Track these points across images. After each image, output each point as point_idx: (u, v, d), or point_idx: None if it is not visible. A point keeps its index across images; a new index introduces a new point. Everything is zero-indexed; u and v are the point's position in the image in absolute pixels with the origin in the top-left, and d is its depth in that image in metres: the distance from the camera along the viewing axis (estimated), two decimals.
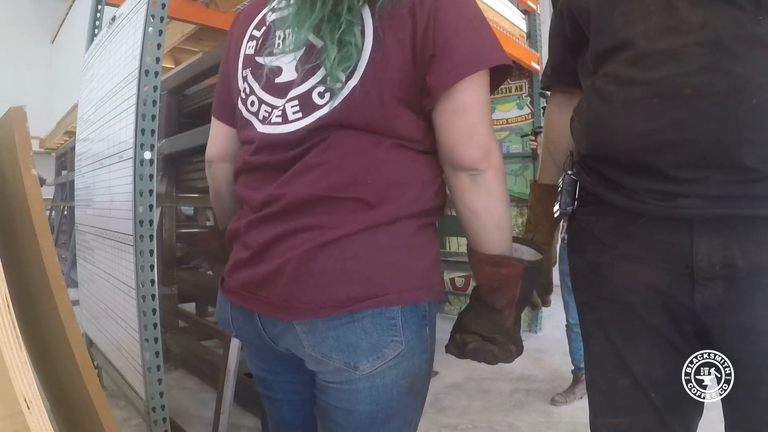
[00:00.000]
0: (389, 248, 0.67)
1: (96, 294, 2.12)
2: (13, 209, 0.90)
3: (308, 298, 0.65)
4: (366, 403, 0.69)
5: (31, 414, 0.54)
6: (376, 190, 0.67)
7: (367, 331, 0.66)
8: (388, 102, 0.68)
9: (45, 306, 0.90)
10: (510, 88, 3.92)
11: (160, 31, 1.59)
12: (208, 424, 1.98)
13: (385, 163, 0.68)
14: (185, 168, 2.76)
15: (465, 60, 0.66)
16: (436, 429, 2.12)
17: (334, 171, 0.67)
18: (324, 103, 0.68)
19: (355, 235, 0.66)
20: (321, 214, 0.67)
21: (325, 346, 0.67)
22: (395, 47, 0.67)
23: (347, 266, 0.65)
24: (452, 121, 0.68)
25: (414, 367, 0.71)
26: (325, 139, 0.68)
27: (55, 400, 1.12)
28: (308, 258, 0.65)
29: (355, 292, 0.65)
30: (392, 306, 0.66)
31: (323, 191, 0.67)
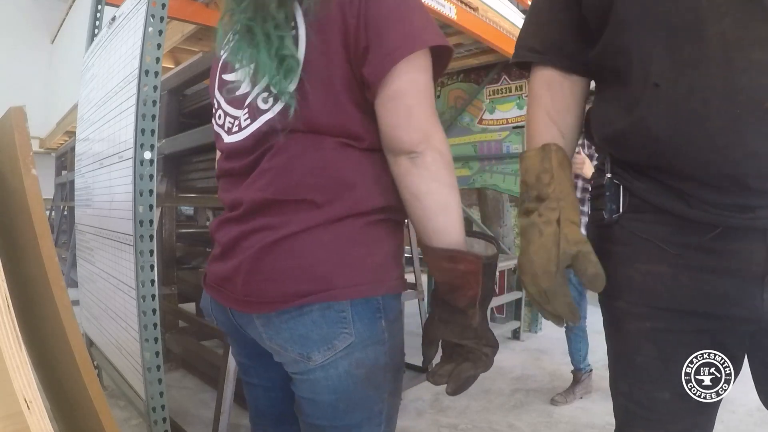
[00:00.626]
0: (334, 245, 0.70)
1: (96, 294, 2.12)
2: (13, 209, 0.90)
3: (262, 293, 0.71)
4: (325, 392, 0.72)
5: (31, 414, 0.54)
6: (323, 190, 0.70)
7: (317, 323, 0.70)
8: (329, 102, 0.70)
9: (45, 306, 0.90)
10: (510, 88, 3.92)
11: (160, 31, 1.59)
12: (208, 424, 1.98)
13: (331, 163, 0.71)
14: (185, 168, 2.76)
15: (396, 45, 0.67)
16: (436, 429, 2.12)
17: (283, 174, 0.71)
18: (268, 108, 0.72)
19: (301, 233, 0.69)
20: (273, 215, 0.71)
21: (281, 338, 0.72)
22: (329, 47, 0.70)
23: (294, 263, 0.69)
24: (390, 107, 0.68)
25: (368, 358, 0.72)
26: (273, 145, 0.72)
27: (55, 400, 1.12)
28: (259, 256, 0.71)
29: (301, 288, 0.69)
30: (338, 300, 0.69)
31: (273, 194, 0.71)
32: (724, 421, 2.13)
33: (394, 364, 0.76)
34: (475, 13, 3.05)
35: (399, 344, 0.78)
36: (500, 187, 3.98)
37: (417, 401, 2.40)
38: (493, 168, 4.03)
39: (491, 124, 4.04)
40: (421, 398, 2.43)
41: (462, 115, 4.21)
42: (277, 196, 0.71)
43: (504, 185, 3.96)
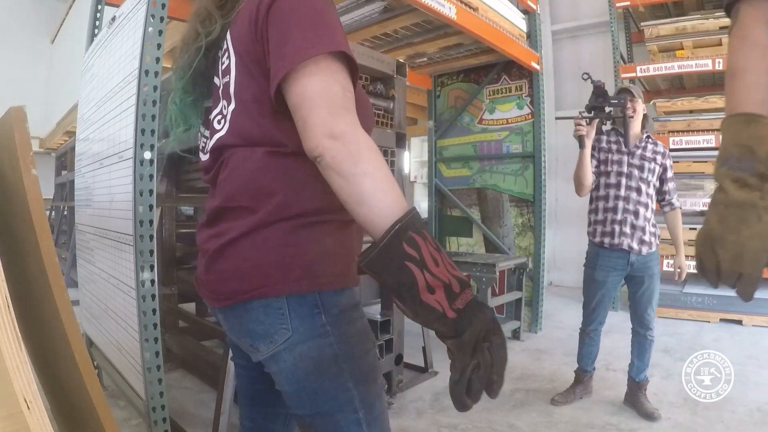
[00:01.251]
0: (266, 247, 0.76)
1: (96, 294, 2.12)
2: (13, 209, 0.90)
3: (215, 291, 0.81)
4: (285, 384, 0.79)
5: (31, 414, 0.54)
6: (254, 197, 0.77)
7: (259, 319, 0.77)
8: (255, 114, 0.78)
9: (45, 306, 0.90)
10: (510, 88, 3.92)
11: (160, 31, 1.59)
12: (208, 424, 1.98)
13: (258, 172, 0.78)
14: (185, 168, 2.76)
15: (283, 62, 0.71)
16: (436, 429, 2.12)
17: (227, 185, 0.80)
18: (220, 128, 0.83)
19: (240, 238, 0.77)
20: (224, 221, 0.81)
21: (234, 331, 0.83)
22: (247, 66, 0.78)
23: (234, 264, 0.78)
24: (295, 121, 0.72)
25: (312, 351, 0.76)
26: (224, 159, 0.82)
27: (55, 400, 1.12)
28: (212, 258, 0.81)
29: (242, 286, 0.77)
30: (271, 297, 0.76)
31: (222, 203, 0.80)
32: (724, 421, 2.13)
33: (350, 354, 0.78)
34: (475, 13, 3.05)
35: (353, 335, 0.80)
36: (500, 187, 3.98)
37: (417, 401, 2.40)
38: (493, 168, 4.03)
39: (491, 124, 4.04)
40: (421, 398, 2.43)
41: (462, 115, 4.21)
42: (224, 203, 0.80)
43: (504, 185, 3.96)
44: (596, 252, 2.29)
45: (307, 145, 0.69)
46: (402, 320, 2.52)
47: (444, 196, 4.34)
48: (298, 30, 0.72)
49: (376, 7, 2.99)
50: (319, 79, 0.70)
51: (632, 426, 2.13)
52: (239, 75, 0.79)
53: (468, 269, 3.31)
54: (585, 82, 2.22)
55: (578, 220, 5.75)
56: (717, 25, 3.93)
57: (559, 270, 5.68)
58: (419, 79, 4.25)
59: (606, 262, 2.26)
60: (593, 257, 2.30)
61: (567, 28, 5.72)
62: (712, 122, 4.04)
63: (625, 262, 2.23)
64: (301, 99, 0.70)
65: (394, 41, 3.53)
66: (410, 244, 0.64)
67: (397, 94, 2.45)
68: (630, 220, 2.21)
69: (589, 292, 2.33)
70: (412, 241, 0.64)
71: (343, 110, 0.69)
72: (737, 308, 3.76)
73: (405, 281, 0.64)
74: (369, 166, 0.67)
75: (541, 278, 3.75)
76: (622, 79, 4.38)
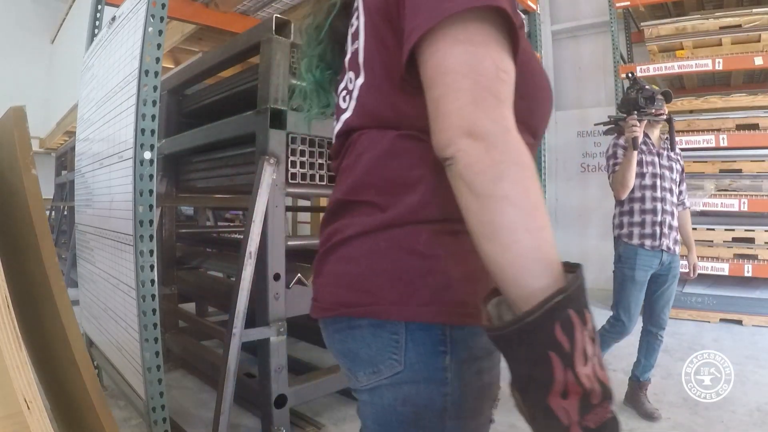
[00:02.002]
0: (389, 254, 0.58)
1: (96, 294, 2.12)
2: (13, 209, 0.90)
3: (319, 297, 0.66)
4: (370, 418, 0.63)
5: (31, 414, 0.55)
6: (382, 191, 0.60)
7: (366, 341, 0.60)
8: (388, 90, 0.61)
9: (45, 306, 0.90)
10: None
11: (160, 31, 1.59)
12: (208, 424, 1.98)
13: (387, 160, 0.60)
14: (185, 168, 2.76)
15: (417, 20, 0.53)
16: None
17: (350, 174, 0.64)
18: (346, 107, 0.67)
19: (356, 238, 0.61)
20: (342, 217, 0.64)
21: (334, 348, 0.66)
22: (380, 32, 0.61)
23: (343, 269, 0.62)
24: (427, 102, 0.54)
25: (419, 397, 0.58)
26: (349, 144, 0.66)
27: (55, 400, 1.12)
28: (320, 259, 0.66)
29: (348, 297, 0.61)
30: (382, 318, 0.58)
31: (343, 195, 0.64)
32: (724, 421, 2.13)
33: (460, 413, 0.59)
34: None
35: (474, 390, 0.60)
36: None
37: None
38: None
39: None
40: None
41: None
42: (346, 196, 0.64)
43: None
44: (634, 252, 2.27)
45: (437, 139, 0.51)
46: None
47: None
48: None
49: None
50: (467, 48, 0.51)
51: (632, 426, 2.13)
52: (369, 39, 0.62)
53: None
54: (585, 82, 2.24)
55: (578, 220, 5.77)
56: (717, 25, 3.93)
57: None
58: None
59: (645, 262, 2.25)
60: (631, 258, 2.28)
61: (567, 28, 5.71)
62: (712, 122, 4.04)
63: (658, 262, 2.24)
64: (436, 73, 0.52)
65: None
66: (564, 329, 0.45)
67: None
68: (668, 220, 2.23)
69: (627, 293, 2.29)
70: (568, 325, 0.45)
71: (493, 98, 0.50)
72: (737, 308, 3.76)
73: (538, 377, 0.46)
74: (514, 189, 0.47)
75: None
76: (623, 79, 4.38)
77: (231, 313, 1.82)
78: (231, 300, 1.83)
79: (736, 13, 3.90)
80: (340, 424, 2.16)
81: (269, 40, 1.90)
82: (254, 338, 1.88)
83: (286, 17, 1.94)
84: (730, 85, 4.62)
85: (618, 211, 2.36)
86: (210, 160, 2.50)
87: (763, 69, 4.00)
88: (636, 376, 2.31)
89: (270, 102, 1.88)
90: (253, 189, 1.86)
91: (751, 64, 3.79)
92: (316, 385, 2.13)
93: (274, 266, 1.92)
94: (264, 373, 1.95)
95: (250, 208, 1.85)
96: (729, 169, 4.02)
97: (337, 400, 2.38)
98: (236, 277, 1.85)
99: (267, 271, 1.90)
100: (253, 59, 2.16)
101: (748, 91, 4.15)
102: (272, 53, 1.89)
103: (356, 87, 0.65)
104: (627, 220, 2.31)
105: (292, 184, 1.96)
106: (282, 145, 1.92)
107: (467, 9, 0.50)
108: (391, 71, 0.60)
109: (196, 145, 2.46)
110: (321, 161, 2.04)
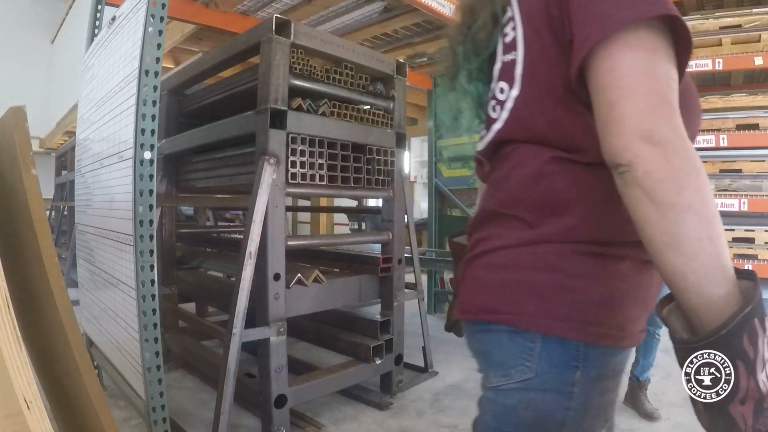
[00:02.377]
0: (532, 268, 0.61)
1: (96, 294, 2.12)
2: (13, 209, 0.90)
3: (464, 300, 0.71)
4: (490, 414, 0.67)
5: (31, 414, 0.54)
6: (532, 209, 0.63)
7: (502, 345, 0.64)
8: (547, 105, 0.61)
9: (45, 306, 0.90)
10: None
11: (160, 31, 1.59)
12: (208, 424, 1.98)
13: (543, 180, 0.62)
14: (185, 168, 2.76)
15: (589, 32, 0.53)
16: (436, 429, 2.12)
17: (502, 187, 0.67)
18: (496, 116, 0.68)
19: (503, 249, 0.64)
20: (491, 227, 0.68)
21: (472, 348, 0.72)
22: (542, 44, 0.61)
23: (488, 276, 0.66)
24: (595, 108, 0.54)
25: (544, 405, 0.61)
26: (501, 155, 0.69)
27: (55, 400, 1.12)
28: (467, 265, 0.70)
29: (489, 303, 0.65)
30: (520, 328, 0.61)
31: (494, 206, 0.68)
32: None
33: (576, 428, 0.62)
34: None
35: (594, 407, 0.63)
36: None
37: (417, 401, 2.40)
38: None
39: None
40: (421, 398, 2.43)
41: None
42: (497, 208, 0.67)
43: None
44: None
45: (610, 144, 0.51)
46: (402, 320, 2.53)
47: (444, 196, 4.34)
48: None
49: (376, 7, 2.99)
50: (640, 55, 0.51)
51: (632, 426, 2.13)
52: (529, 50, 0.62)
53: None
54: None
55: None
56: (717, 25, 3.93)
57: None
58: (419, 79, 4.25)
59: None
60: None
61: None
62: (712, 122, 4.04)
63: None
64: (609, 77, 0.52)
65: (394, 41, 3.53)
66: (750, 338, 0.46)
67: (397, 94, 2.45)
68: None
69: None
70: (753, 334, 0.46)
71: (668, 105, 0.50)
72: None
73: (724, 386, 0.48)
74: (696, 198, 0.48)
75: None
76: None
77: (231, 313, 1.82)
78: (231, 300, 1.83)
79: (736, 13, 3.91)
80: (340, 424, 2.16)
81: (269, 40, 1.90)
82: (254, 338, 1.88)
83: (286, 17, 1.94)
84: (730, 85, 4.63)
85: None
86: (210, 160, 2.50)
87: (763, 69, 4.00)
88: (635, 376, 2.31)
89: (270, 102, 1.88)
90: (253, 189, 1.86)
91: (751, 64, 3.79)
92: (316, 385, 2.14)
93: (274, 266, 1.92)
94: (264, 373, 1.95)
95: (250, 208, 1.85)
96: (729, 169, 4.02)
97: (337, 400, 2.38)
98: (236, 277, 1.85)
99: (267, 271, 1.90)
100: (253, 59, 2.15)
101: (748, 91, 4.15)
102: (272, 53, 1.89)
103: (510, 98, 0.65)
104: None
105: (292, 184, 1.96)
106: (282, 145, 1.92)
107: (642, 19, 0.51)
108: (553, 85, 0.60)
109: (196, 145, 2.46)
110: (321, 161, 2.04)
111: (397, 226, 2.47)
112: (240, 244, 1.88)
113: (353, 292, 2.36)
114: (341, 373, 2.23)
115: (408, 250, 2.60)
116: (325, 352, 2.78)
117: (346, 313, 2.58)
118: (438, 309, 4.32)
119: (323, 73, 2.11)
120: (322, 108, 2.07)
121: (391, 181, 2.40)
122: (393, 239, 2.46)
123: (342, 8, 2.99)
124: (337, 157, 2.11)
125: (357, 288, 2.37)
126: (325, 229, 7.93)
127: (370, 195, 2.44)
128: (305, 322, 2.53)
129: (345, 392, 2.40)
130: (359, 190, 2.27)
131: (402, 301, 2.51)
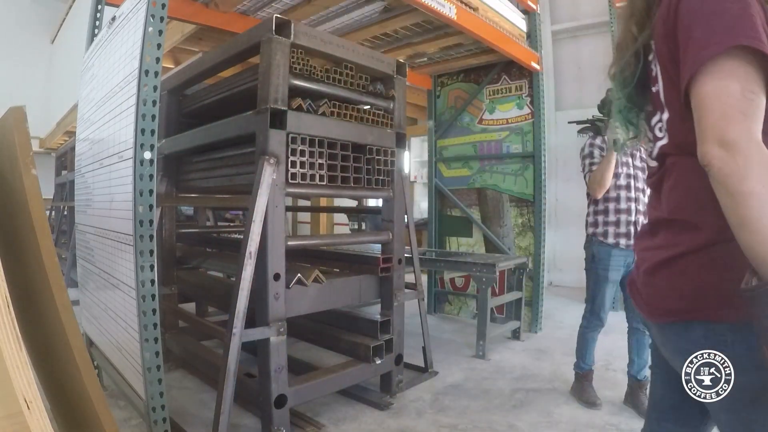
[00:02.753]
0: (711, 268, 0.73)
1: (96, 294, 2.12)
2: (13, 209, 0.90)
3: (654, 304, 0.82)
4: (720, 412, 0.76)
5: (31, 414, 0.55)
6: (697, 213, 0.75)
7: (699, 343, 0.73)
8: (689, 122, 0.72)
9: (45, 306, 0.90)
10: (510, 88, 3.92)
11: (160, 31, 1.59)
12: (208, 424, 1.98)
13: (700, 185, 0.72)
14: (185, 168, 2.76)
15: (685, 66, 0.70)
16: (436, 429, 2.12)
17: (672, 198, 0.80)
18: (662, 136, 0.83)
19: (683, 255, 0.76)
20: (664, 234, 0.81)
21: (668, 349, 0.82)
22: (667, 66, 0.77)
23: (674, 282, 0.77)
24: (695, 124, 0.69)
25: (753, 383, 0.70)
26: (667, 168, 0.82)
27: (55, 400, 1.12)
28: (650, 272, 0.82)
29: (679, 305, 0.76)
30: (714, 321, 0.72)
31: (666, 214, 0.81)
32: None
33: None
34: (475, 13, 3.05)
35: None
36: (500, 187, 3.98)
37: (417, 401, 2.40)
38: (493, 168, 4.03)
39: (491, 124, 4.04)
40: (421, 398, 2.44)
41: (462, 115, 4.21)
42: (668, 215, 0.80)
43: (504, 185, 3.96)
44: (608, 252, 2.30)
45: (699, 152, 0.67)
46: (402, 320, 2.53)
47: (444, 196, 4.34)
48: (698, 28, 0.70)
49: (376, 7, 2.99)
50: (715, 77, 0.67)
51: (632, 426, 2.13)
52: (665, 81, 0.79)
53: (468, 269, 3.31)
54: (585, 82, 2.24)
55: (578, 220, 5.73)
56: None
57: (559, 270, 5.68)
58: (419, 79, 4.25)
59: (618, 262, 2.29)
60: (605, 257, 2.31)
61: (567, 28, 5.72)
62: None
63: (631, 260, 2.25)
64: (697, 101, 0.68)
65: (394, 41, 3.53)
66: None
67: (397, 94, 2.45)
68: (641, 220, 2.26)
69: (602, 292, 2.34)
70: None
71: (739, 114, 0.65)
72: None
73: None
74: (757, 185, 0.62)
75: (541, 278, 3.75)
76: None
77: (231, 313, 1.82)
78: (231, 300, 1.84)
79: None
80: (340, 424, 2.16)
81: (269, 40, 1.90)
82: (254, 338, 1.88)
83: (286, 17, 1.94)
84: None
85: (592, 210, 2.39)
86: (210, 160, 2.50)
87: None
88: (633, 376, 2.31)
89: (270, 102, 1.88)
90: (253, 189, 1.86)
91: None
92: (316, 385, 2.14)
93: (274, 266, 1.92)
94: (264, 373, 1.95)
95: (250, 208, 1.86)
96: None
97: (337, 400, 2.38)
98: (236, 277, 1.85)
99: (267, 271, 1.90)
100: (253, 59, 2.15)
101: None
102: (272, 53, 1.89)
103: (664, 120, 0.81)
104: (602, 219, 2.34)
105: (292, 184, 1.96)
106: (282, 145, 1.92)
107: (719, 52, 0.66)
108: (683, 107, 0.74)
109: (196, 145, 2.46)
110: (321, 161, 2.04)
111: (397, 226, 2.47)
112: (240, 244, 1.88)
113: (353, 292, 2.36)
114: (341, 373, 2.23)
115: (408, 250, 2.60)
116: (325, 352, 2.78)
117: (346, 313, 2.58)
118: (438, 309, 4.32)
119: (323, 73, 2.11)
120: (322, 108, 2.07)
121: (391, 181, 2.40)
122: (393, 239, 2.46)
123: (342, 8, 2.99)
124: (337, 157, 2.11)
125: (357, 288, 2.37)
126: (325, 229, 7.93)
127: (370, 195, 2.44)
128: (305, 322, 2.53)
129: (345, 392, 2.40)
130: (359, 190, 2.27)
131: (402, 301, 2.51)
